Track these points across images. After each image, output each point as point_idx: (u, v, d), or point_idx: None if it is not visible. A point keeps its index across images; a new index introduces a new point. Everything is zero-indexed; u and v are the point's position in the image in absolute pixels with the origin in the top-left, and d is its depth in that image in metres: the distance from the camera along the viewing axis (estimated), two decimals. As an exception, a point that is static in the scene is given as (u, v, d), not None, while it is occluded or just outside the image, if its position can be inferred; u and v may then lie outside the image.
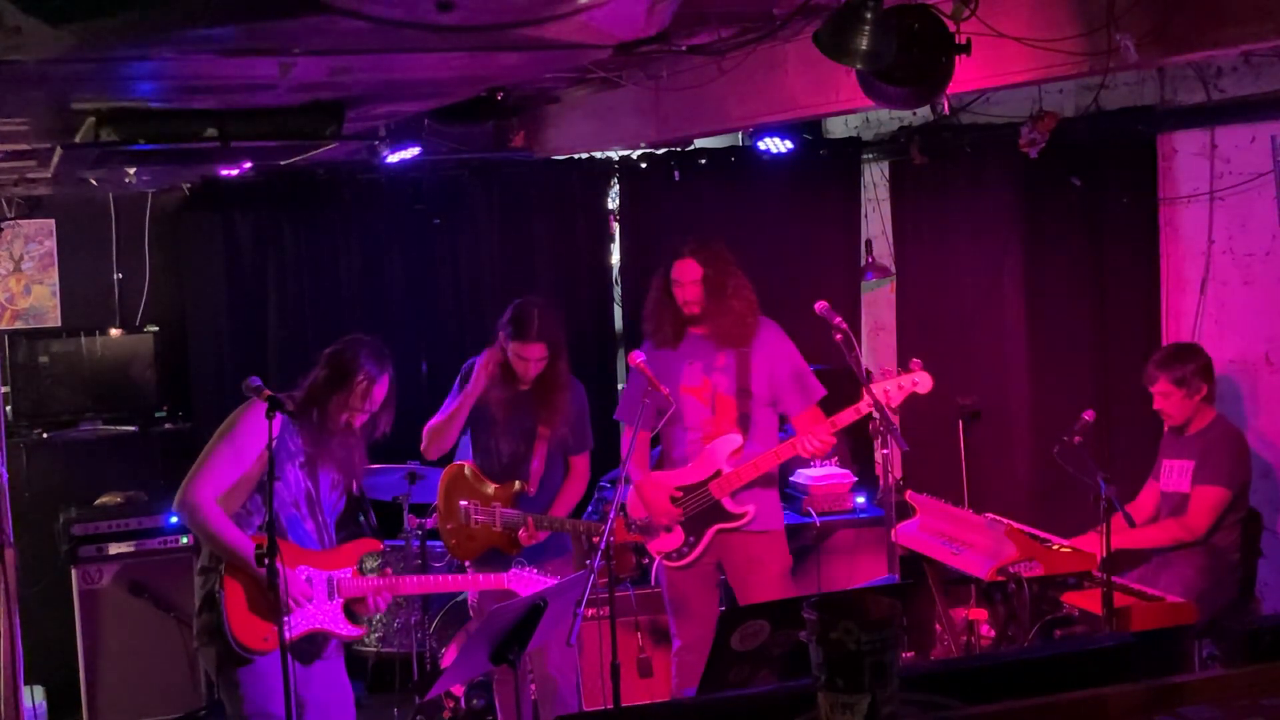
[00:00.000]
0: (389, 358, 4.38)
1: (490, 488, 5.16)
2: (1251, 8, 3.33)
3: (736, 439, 5.12)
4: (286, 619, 4.13)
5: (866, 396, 4.81)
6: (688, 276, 5.06)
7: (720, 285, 5.04)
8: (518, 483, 5.14)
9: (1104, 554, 4.47)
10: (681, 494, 5.15)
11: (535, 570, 4.70)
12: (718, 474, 5.11)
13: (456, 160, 7.09)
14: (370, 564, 5.53)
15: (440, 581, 4.74)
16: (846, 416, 4.93)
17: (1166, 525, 5.15)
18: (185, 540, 6.22)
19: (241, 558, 4.06)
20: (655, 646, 5.66)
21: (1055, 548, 4.94)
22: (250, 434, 4.14)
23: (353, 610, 4.38)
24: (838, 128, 7.70)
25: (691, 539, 5.17)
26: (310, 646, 4.33)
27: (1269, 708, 1.93)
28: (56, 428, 6.59)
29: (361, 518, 4.57)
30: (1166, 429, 5.31)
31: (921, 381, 4.92)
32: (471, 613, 5.52)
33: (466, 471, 5.26)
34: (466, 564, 5.33)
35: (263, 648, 4.14)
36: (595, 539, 4.53)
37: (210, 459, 4.17)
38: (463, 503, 5.03)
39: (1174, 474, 5.24)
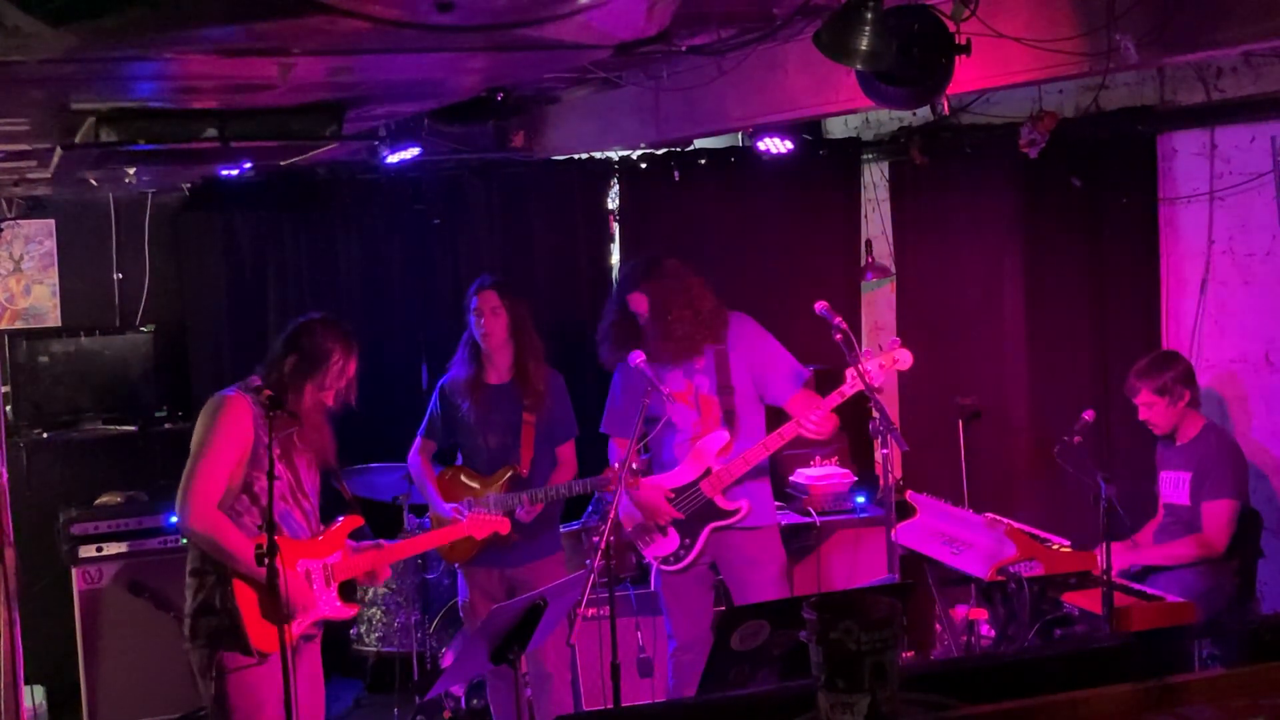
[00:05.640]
0: (351, 331, 4.40)
1: (480, 483, 5.20)
2: (1251, 8, 3.33)
3: (724, 435, 5.14)
4: (295, 619, 4.14)
5: (851, 375, 4.80)
6: (639, 308, 5.16)
7: (664, 310, 5.10)
8: (510, 470, 5.17)
9: (1104, 554, 4.47)
10: (674, 495, 5.15)
11: (484, 511, 4.89)
12: (708, 472, 5.12)
13: (456, 160, 7.08)
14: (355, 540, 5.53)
15: (413, 544, 4.88)
16: (833, 399, 4.92)
17: (1185, 543, 5.08)
18: (185, 540, 6.20)
19: (249, 565, 4.00)
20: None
21: (1055, 548, 4.94)
22: (229, 435, 4.14)
23: (344, 590, 4.41)
24: (838, 128, 7.69)
25: (687, 541, 5.17)
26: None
27: (1269, 708, 1.93)
28: (56, 428, 6.58)
29: (335, 485, 4.55)
30: (1158, 440, 5.30)
31: (901, 358, 4.90)
32: (462, 614, 5.51)
33: (458, 476, 5.28)
34: (457, 566, 5.35)
35: (275, 649, 4.10)
36: (597, 538, 4.53)
37: (199, 472, 4.14)
38: (451, 508, 5.05)
39: (1171, 486, 5.23)
